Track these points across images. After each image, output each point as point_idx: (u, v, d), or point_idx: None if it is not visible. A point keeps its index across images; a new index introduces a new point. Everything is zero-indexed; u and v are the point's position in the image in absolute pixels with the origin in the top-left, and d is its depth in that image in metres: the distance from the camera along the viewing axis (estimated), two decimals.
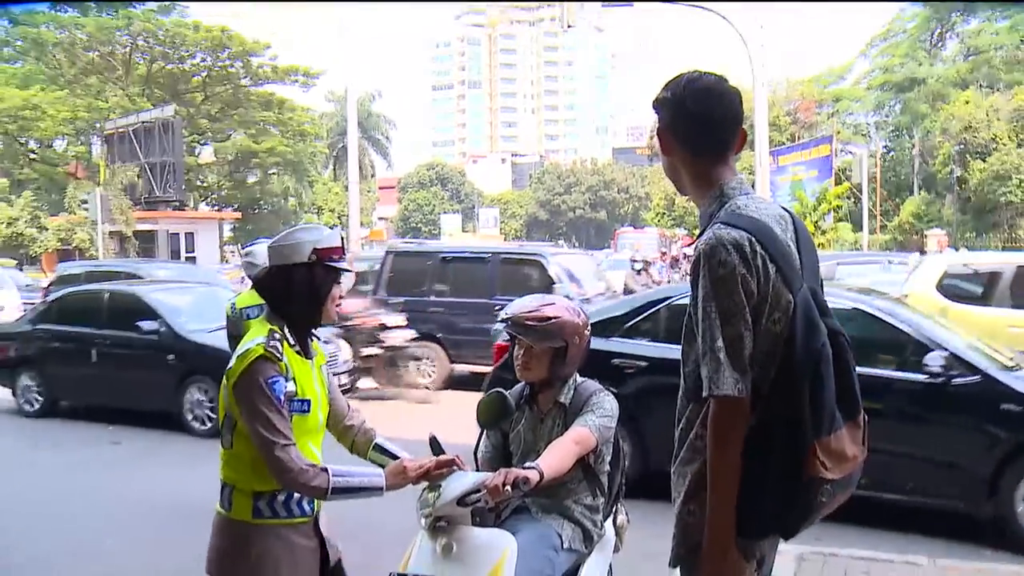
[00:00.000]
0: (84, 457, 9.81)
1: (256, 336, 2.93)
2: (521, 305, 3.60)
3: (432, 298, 13.87)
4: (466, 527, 3.14)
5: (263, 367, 2.85)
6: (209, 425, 10.21)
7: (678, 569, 2.59)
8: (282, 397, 2.86)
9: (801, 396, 2.32)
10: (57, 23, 44.73)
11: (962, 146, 42.21)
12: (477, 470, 3.38)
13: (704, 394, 2.37)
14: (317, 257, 2.99)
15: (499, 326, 3.59)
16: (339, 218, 63.21)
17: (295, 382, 2.92)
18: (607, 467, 3.61)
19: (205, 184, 51.50)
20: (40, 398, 11.85)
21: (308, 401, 2.97)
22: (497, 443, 3.72)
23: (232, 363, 2.90)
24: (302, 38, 76.77)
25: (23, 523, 7.33)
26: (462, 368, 13.68)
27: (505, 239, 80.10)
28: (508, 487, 2.95)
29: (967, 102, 42.89)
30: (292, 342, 3.00)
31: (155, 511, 7.47)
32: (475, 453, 3.30)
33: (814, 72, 59.24)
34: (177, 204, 41.38)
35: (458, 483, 3.08)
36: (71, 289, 13.74)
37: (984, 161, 40.76)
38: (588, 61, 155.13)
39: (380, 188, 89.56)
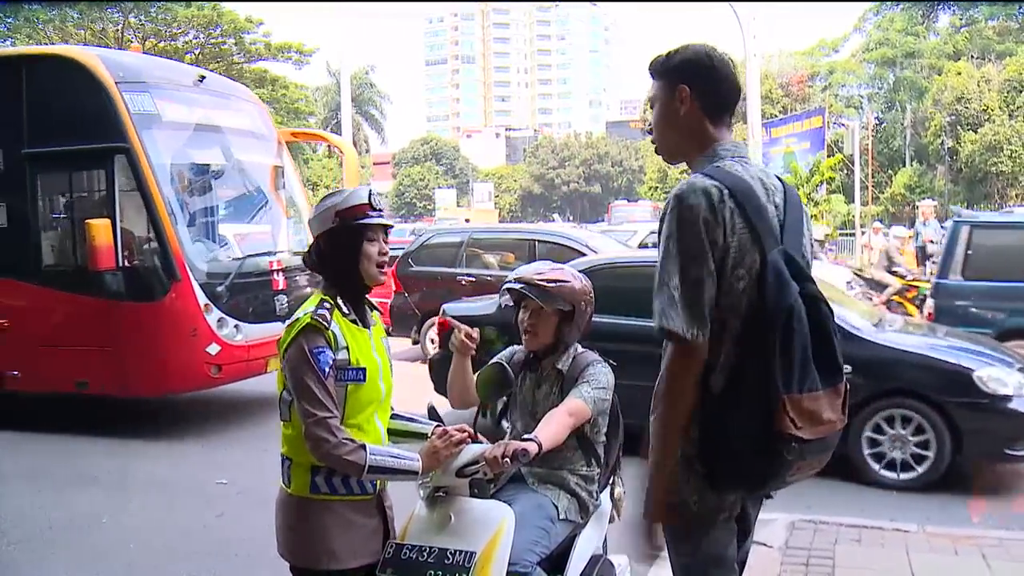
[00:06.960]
0: None
1: (308, 306, 2.93)
2: (530, 268, 3.62)
3: None
4: (464, 498, 3.15)
5: (310, 336, 2.83)
6: (905, 474, 6.96)
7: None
8: (327, 368, 2.81)
9: (771, 348, 2.32)
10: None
11: (954, 117, 42.28)
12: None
13: (655, 326, 2.38)
14: (340, 220, 2.94)
15: (508, 287, 3.57)
16: None
17: (348, 351, 2.89)
18: (603, 437, 3.62)
19: None
20: None
21: (364, 370, 2.92)
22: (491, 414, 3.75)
23: (282, 333, 2.89)
24: (295, 14, 75.89)
25: None
26: None
27: (500, 214, 79.93)
28: (507, 459, 2.95)
29: (959, 73, 42.86)
30: (345, 311, 2.97)
31: None
32: (474, 425, 3.31)
33: (807, 45, 59.15)
34: None
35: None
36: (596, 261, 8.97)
37: (976, 132, 40.85)
38: (581, 35, 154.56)
39: (375, 164, 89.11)
